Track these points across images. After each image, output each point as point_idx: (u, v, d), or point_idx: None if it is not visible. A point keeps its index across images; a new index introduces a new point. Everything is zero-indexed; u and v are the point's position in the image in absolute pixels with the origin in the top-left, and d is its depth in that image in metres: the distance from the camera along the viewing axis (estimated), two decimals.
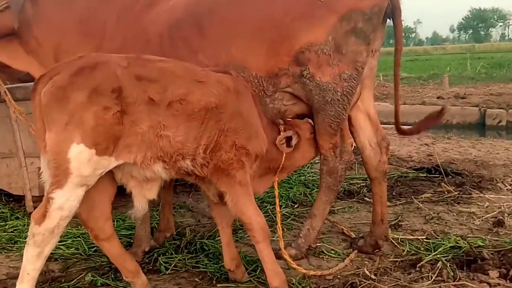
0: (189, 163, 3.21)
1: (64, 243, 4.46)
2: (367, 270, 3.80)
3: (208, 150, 3.23)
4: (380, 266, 3.93)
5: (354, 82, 3.75)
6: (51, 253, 4.19)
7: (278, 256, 3.74)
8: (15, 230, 4.86)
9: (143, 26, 4.06)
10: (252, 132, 3.42)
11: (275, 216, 4.93)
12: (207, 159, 3.25)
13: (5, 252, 4.42)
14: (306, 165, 6.85)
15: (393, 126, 9.15)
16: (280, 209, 5.06)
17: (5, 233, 4.76)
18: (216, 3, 3.97)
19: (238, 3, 3.93)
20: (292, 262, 3.75)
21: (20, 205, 5.40)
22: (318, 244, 4.28)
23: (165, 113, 3.09)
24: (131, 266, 3.45)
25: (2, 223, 5.00)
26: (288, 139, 3.68)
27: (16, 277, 3.21)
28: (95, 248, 4.29)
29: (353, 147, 4.43)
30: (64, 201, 2.91)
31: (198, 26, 3.93)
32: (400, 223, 4.84)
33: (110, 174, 3.25)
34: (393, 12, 3.85)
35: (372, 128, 4.19)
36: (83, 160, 2.91)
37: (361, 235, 4.47)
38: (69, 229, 4.57)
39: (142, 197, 3.33)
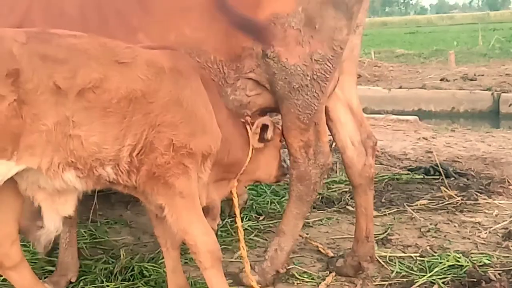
0: (110, 170, 2.98)
1: None
2: None
3: (136, 153, 3.00)
4: None
5: (329, 64, 3.63)
6: None
7: (238, 282, 3.80)
8: None
9: None
10: (197, 126, 3.21)
11: (235, 232, 4.90)
12: (135, 165, 3.03)
13: None
14: None
15: (386, 115, 9.23)
16: (241, 222, 5.04)
17: None
18: None
19: None
20: None
21: None
22: (288, 267, 4.16)
23: (75, 106, 2.83)
24: None
25: None
26: (263, 130, 3.60)
27: None
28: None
29: (332, 147, 4.40)
30: None
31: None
32: (389, 237, 4.77)
33: (14, 185, 3.07)
34: None
35: (355, 123, 4.07)
36: None
37: (340, 253, 4.37)
38: None
39: (54, 213, 3.13)
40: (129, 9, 3.77)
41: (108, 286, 4.09)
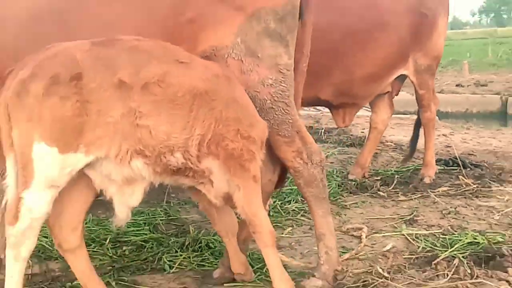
0: (179, 156, 2.98)
1: None
2: (380, 267, 3.81)
3: (205, 142, 3.02)
4: (393, 263, 3.93)
5: (284, 85, 3.48)
6: (50, 253, 4.36)
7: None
8: None
9: None
10: (252, 118, 3.20)
11: (284, 212, 5.04)
12: (206, 151, 3.04)
13: None
14: None
15: (410, 115, 9.21)
16: (289, 204, 5.18)
17: None
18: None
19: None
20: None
21: None
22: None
23: (141, 98, 2.87)
24: (95, 286, 3.37)
25: None
26: None
27: None
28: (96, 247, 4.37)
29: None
30: (33, 203, 2.81)
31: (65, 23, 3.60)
32: (415, 218, 4.82)
33: (87, 179, 3.10)
34: (302, 7, 3.56)
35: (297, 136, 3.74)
36: (46, 159, 2.79)
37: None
38: None
39: (124, 205, 3.17)
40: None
41: (180, 255, 4.18)
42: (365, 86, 5.25)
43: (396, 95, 6.00)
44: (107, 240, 4.48)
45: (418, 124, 6.13)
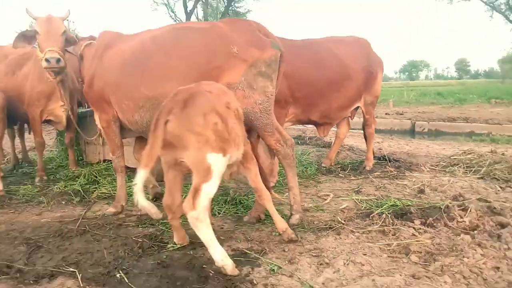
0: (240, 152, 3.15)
1: None
2: (339, 218, 3.85)
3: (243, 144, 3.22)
4: (347, 215, 3.96)
5: (267, 103, 3.56)
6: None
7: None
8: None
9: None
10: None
11: (284, 184, 5.07)
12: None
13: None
14: (304, 152, 6.96)
15: (356, 131, 9.09)
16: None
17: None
18: (154, 52, 3.70)
19: (175, 53, 3.65)
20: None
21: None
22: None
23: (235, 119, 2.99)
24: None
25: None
26: None
27: None
28: None
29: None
30: (211, 189, 2.77)
31: (137, 65, 3.73)
32: (360, 189, 4.84)
33: (180, 167, 3.01)
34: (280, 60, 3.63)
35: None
36: (217, 162, 2.75)
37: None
38: None
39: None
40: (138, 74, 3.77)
41: (224, 207, 4.24)
42: (338, 113, 5.35)
43: (352, 118, 5.99)
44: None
45: (364, 136, 6.11)
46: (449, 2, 27.58)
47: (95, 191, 4.91)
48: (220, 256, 2.80)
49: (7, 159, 6.80)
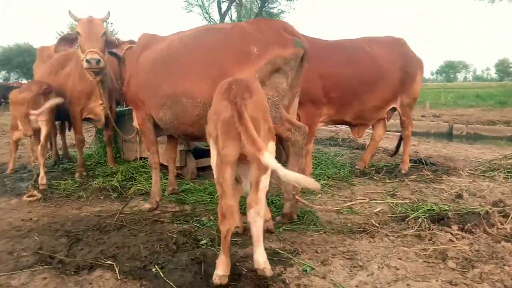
0: None
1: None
2: (373, 221, 3.79)
3: None
4: (381, 219, 3.89)
5: (276, 98, 3.50)
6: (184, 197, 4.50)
7: None
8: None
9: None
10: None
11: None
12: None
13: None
14: (337, 154, 6.89)
15: (391, 133, 8.91)
16: (319, 181, 5.17)
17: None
18: (177, 52, 3.82)
19: (197, 52, 3.69)
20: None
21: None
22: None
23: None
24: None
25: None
26: None
27: None
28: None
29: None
30: (267, 181, 2.65)
31: (164, 65, 3.88)
32: (395, 193, 4.74)
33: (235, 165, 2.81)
34: (303, 57, 3.58)
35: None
36: (273, 151, 2.66)
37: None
38: None
39: None
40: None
41: None
42: (372, 113, 5.25)
43: (388, 120, 5.87)
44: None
45: (400, 138, 6.01)
46: (491, 1, 26.48)
47: (132, 187, 5.06)
48: (264, 258, 2.76)
49: (49, 154, 7.09)
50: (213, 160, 2.68)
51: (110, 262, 3.00)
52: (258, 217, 2.68)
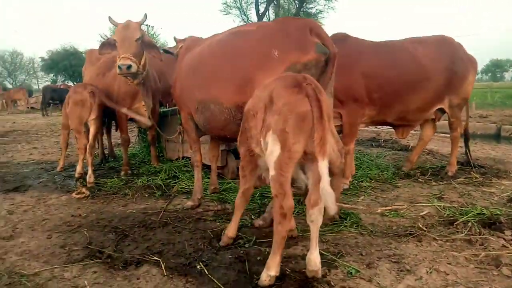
0: None
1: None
2: (420, 224, 3.68)
3: None
4: (428, 222, 3.76)
5: None
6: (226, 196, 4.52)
7: None
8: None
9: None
10: None
11: (359, 187, 4.96)
12: None
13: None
14: (380, 155, 6.72)
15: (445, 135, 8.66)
16: (362, 182, 5.08)
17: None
18: (205, 57, 3.86)
19: (222, 55, 3.69)
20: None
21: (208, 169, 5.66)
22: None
23: None
24: None
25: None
26: None
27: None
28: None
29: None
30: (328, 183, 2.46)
31: (196, 67, 3.94)
32: (442, 196, 4.56)
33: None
34: (328, 61, 3.38)
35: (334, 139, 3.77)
36: None
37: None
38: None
39: None
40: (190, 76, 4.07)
41: (296, 207, 4.08)
42: (416, 114, 5.07)
43: (438, 121, 5.65)
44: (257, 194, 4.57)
45: (465, 140, 5.88)
46: None
47: (175, 185, 5.16)
48: (319, 260, 2.71)
49: (96, 153, 7.36)
50: (273, 157, 2.53)
51: (156, 258, 3.08)
52: (320, 216, 2.64)
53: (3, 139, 11.08)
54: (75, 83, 36.14)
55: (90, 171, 5.37)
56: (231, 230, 3.34)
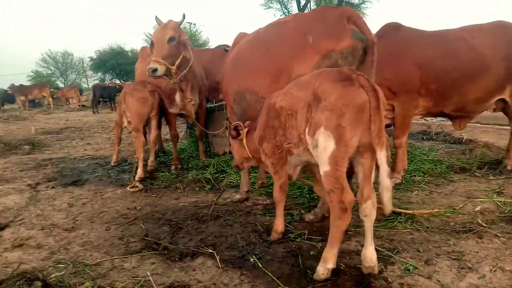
0: None
1: None
2: (479, 220, 3.51)
3: None
4: (488, 218, 3.58)
5: None
6: None
7: None
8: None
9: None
10: None
11: (412, 182, 4.81)
12: None
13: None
14: (432, 149, 6.47)
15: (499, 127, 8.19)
16: (414, 177, 4.92)
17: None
18: (244, 50, 3.92)
19: (257, 48, 3.73)
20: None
21: None
22: None
23: None
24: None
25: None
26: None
27: None
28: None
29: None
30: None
31: (236, 62, 4.01)
32: (502, 191, 4.32)
33: None
34: (366, 50, 3.29)
35: None
36: None
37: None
38: None
39: None
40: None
41: None
42: (475, 105, 4.80)
43: (499, 111, 5.22)
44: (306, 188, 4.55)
45: None
46: None
47: (224, 179, 5.24)
48: (375, 255, 2.67)
49: (146, 148, 7.59)
50: (326, 154, 2.50)
51: (210, 251, 3.14)
52: (374, 210, 2.63)
53: (58, 135, 11.67)
54: (122, 81, 37.46)
55: (152, 158, 5.80)
56: (279, 225, 3.36)
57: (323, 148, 2.50)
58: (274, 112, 2.96)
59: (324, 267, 2.62)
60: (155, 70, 4.91)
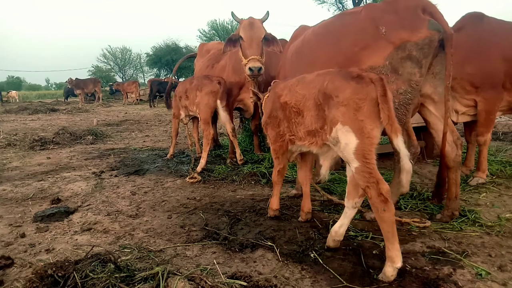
0: None
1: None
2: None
3: None
4: None
5: (410, 95, 3.13)
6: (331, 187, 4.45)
7: None
8: None
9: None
10: None
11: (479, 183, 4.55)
12: None
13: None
14: (500, 149, 6.09)
15: None
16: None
17: None
18: (308, 42, 3.85)
19: (324, 39, 3.63)
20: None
21: None
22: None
23: None
24: None
25: None
26: None
27: None
28: None
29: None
30: None
31: (299, 54, 3.96)
32: None
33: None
34: (444, 42, 3.09)
35: (449, 130, 3.36)
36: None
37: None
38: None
39: None
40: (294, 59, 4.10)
41: (412, 201, 3.99)
42: None
43: None
44: None
45: None
46: None
47: None
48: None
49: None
50: (350, 149, 2.50)
51: (270, 244, 3.14)
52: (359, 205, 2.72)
53: (118, 127, 12.21)
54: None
55: (238, 152, 5.93)
56: (274, 203, 3.74)
57: (345, 144, 2.52)
58: (278, 104, 3.15)
59: (393, 268, 2.51)
60: (260, 68, 4.96)
